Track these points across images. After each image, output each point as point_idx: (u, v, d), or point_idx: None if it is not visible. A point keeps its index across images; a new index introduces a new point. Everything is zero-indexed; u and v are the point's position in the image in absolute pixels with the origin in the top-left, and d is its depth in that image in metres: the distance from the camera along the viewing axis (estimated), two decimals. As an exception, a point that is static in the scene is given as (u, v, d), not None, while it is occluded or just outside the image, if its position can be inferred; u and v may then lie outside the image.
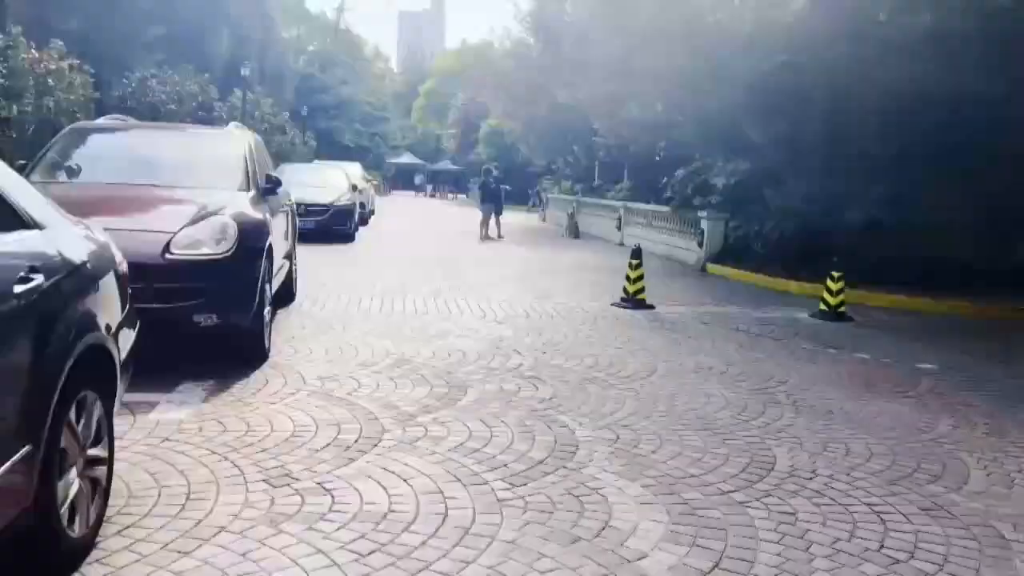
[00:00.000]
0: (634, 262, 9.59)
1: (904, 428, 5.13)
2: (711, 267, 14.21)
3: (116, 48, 18.98)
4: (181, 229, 5.34)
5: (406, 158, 71.40)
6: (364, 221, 21.77)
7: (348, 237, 16.69)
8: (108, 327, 3.10)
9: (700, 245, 14.55)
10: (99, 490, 3.03)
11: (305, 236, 15.81)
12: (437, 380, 5.67)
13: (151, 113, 16.59)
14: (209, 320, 5.37)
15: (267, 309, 6.06)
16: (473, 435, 4.49)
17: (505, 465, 4.05)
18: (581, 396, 5.44)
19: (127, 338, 3.56)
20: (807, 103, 13.67)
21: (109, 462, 3.15)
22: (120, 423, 4.37)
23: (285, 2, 65.75)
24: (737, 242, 13.55)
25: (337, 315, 8.05)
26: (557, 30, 22.00)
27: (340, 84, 60.23)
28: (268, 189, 6.83)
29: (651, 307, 9.52)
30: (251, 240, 5.72)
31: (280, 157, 28.09)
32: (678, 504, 3.68)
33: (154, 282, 5.10)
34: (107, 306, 3.20)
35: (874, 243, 11.60)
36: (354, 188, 18.14)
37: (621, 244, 19.80)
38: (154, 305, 5.10)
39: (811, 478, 4.13)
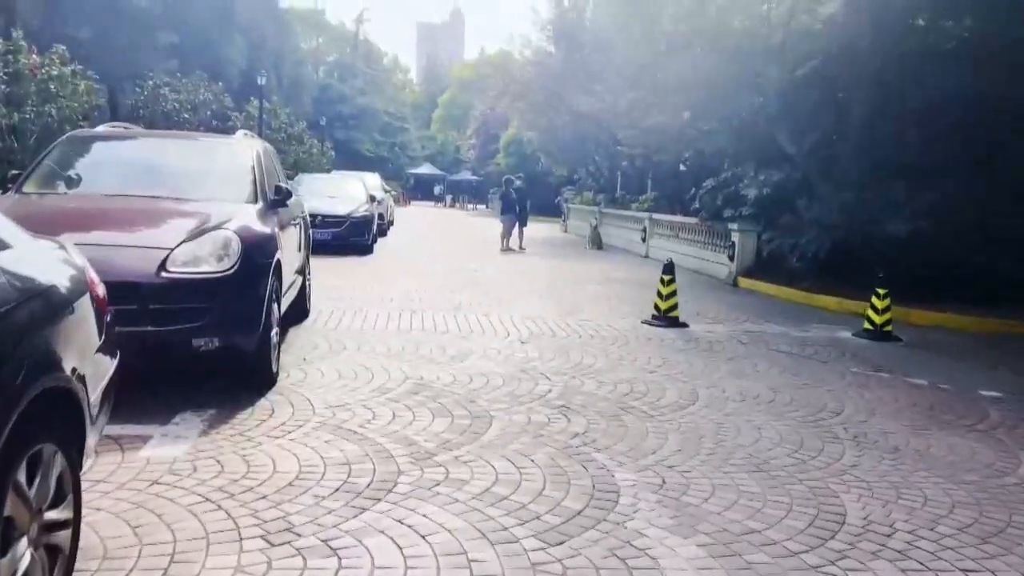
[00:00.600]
0: (666, 277, 9.06)
1: (982, 469, 4.57)
2: (743, 281, 13.63)
3: (128, 56, 18.73)
4: (180, 244, 4.89)
5: (425, 168, 71.33)
6: (383, 232, 21.37)
7: (366, 249, 16.26)
8: (75, 367, 2.63)
9: (731, 258, 13.97)
10: (60, 559, 2.55)
11: (321, 248, 15.43)
12: (458, 409, 5.17)
13: (164, 122, 16.32)
14: (210, 344, 4.91)
15: (275, 331, 5.60)
16: (500, 478, 3.98)
17: (538, 517, 3.54)
18: (617, 429, 4.91)
19: (103, 371, 3.09)
20: (842, 111, 13.12)
21: (75, 524, 2.67)
22: (106, 461, 3.91)
23: (304, 13, 66.10)
24: (771, 256, 12.95)
25: (352, 333, 7.58)
26: (578, 38, 21.56)
27: (359, 94, 60.25)
28: (278, 200, 6.39)
29: (684, 325, 8.98)
30: (257, 256, 5.26)
31: (298, 167, 27.85)
32: (742, 570, 3.15)
33: (149, 303, 4.66)
34: (76, 338, 2.73)
35: (917, 256, 10.98)
36: (372, 199, 17.72)
37: (646, 256, 19.26)
38: (148, 328, 4.66)
39: (890, 534, 3.58)
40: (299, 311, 8.07)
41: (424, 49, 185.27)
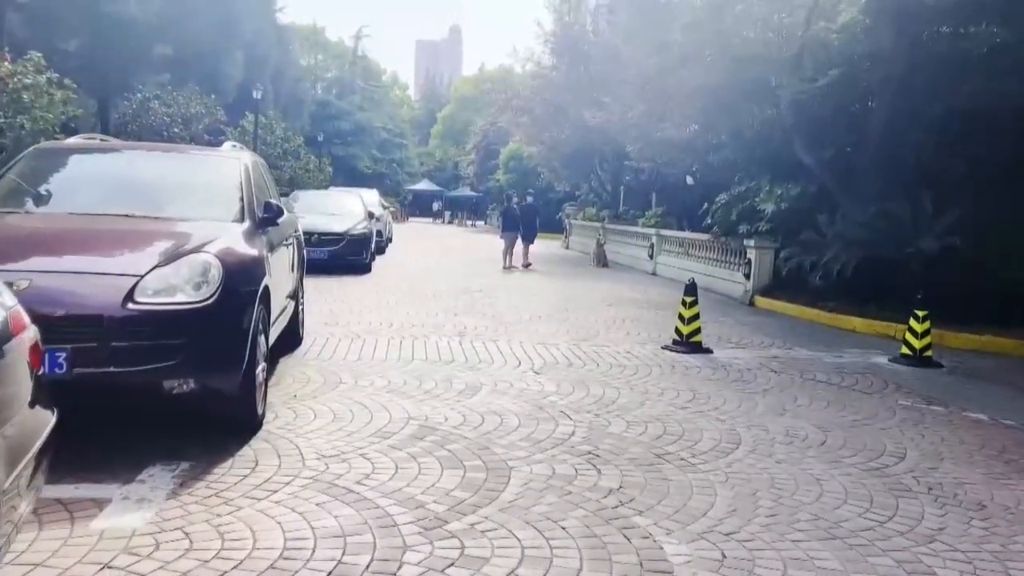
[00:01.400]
0: (688, 299, 8.40)
1: (1089, 531, 3.89)
2: (760, 300, 12.98)
3: (120, 68, 18.09)
4: (151, 271, 4.23)
5: (424, 185, 70.85)
6: (381, 250, 20.74)
7: (364, 268, 15.61)
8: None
9: (747, 276, 13.33)
10: None
11: (317, 267, 14.79)
12: (471, 459, 4.49)
13: (153, 136, 15.68)
14: (184, 386, 4.25)
15: (261, 367, 4.93)
16: (527, 555, 3.30)
17: (578, 613, 2.86)
18: (658, 484, 4.24)
19: (34, 429, 2.44)
20: (863, 120, 12.53)
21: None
22: (51, 536, 3.23)
23: (303, 30, 65.80)
24: (790, 273, 12.30)
25: (348, 364, 6.91)
26: (583, 50, 21.02)
27: (357, 110, 59.80)
28: (267, 219, 5.73)
29: (708, 351, 8.32)
30: (241, 283, 4.60)
31: (294, 183, 27.24)
32: None
33: (112, 339, 4.00)
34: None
35: (947, 274, 10.34)
36: (371, 215, 17.10)
37: (654, 274, 18.62)
38: (111, 369, 4.00)
39: (1013, 629, 2.90)
40: (291, 339, 7.42)
41: (423, 66, 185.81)
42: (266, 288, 5.03)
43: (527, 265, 18.29)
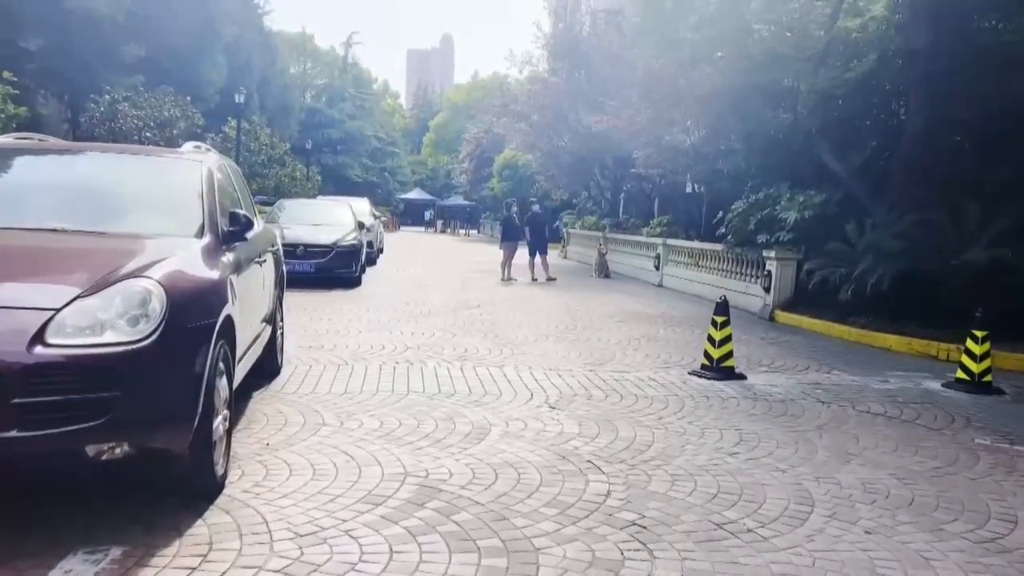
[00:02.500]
0: (719, 319, 7.45)
1: None
2: (781, 315, 12.06)
3: (87, 68, 17.01)
4: (71, 302, 3.28)
5: (415, 194, 70.05)
6: (372, 261, 19.77)
7: (353, 282, 14.63)
8: None
9: (767, 289, 12.42)
10: None
11: (303, 281, 13.82)
12: (485, 536, 3.54)
13: (123, 140, 14.63)
14: (116, 450, 3.32)
15: (221, 416, 3.96)
16: None
17: None
18: (731, 571, 3.28)
19: None
20: (895, 124, 11.66)
21: None
22: None
23: (292, 37, 64.89)
24: (815, 287, 11.38)
25: (333, 400, 5.94)
26: (584, 52, 20.15)
27: (348, 119, 58.87)
28: (234, 233, 4.76)
29: (742, 377, 7.38)
30: (192, 315, 3.64)
31: (279, 192, 26.23)
32: None
33: (13, 395, 3.03)
34: None
35: (995, 288, 9.44)
36: (361, 226, 16.11)
37: (660, 286, 17.70)
38: (13, 434, 3.04)
39: None
40: (268, 368, 6.46)
41: (414, 75, 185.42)
42: (228, 319, 4.07)
43: (550, 279, 17.30)
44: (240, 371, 4.84)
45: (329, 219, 15.86)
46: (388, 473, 4.33)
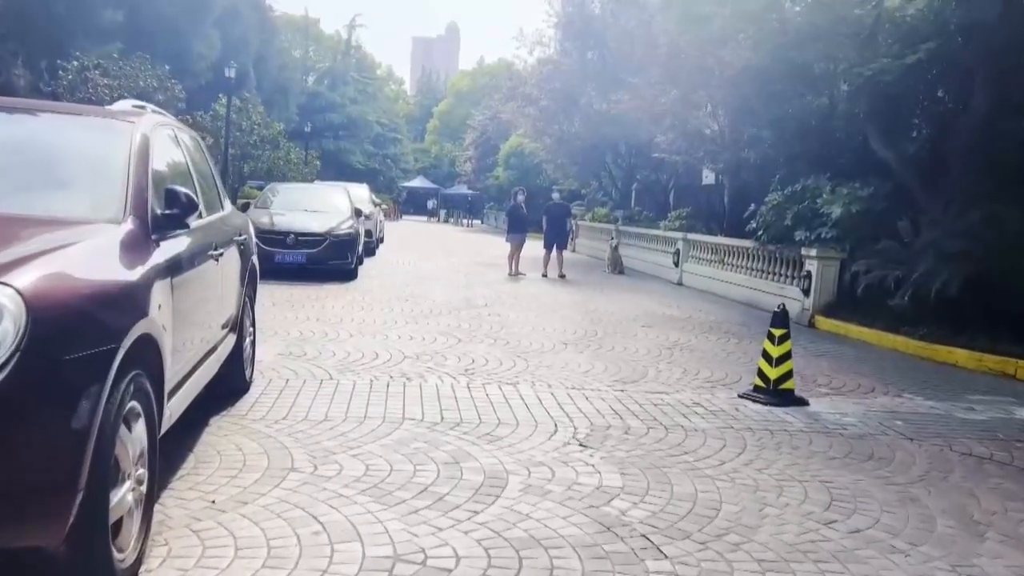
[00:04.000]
0: (777, 332, 6.24)
1: None
2: (822, 322, 10.84)
3: (59, 32, 15.64)
4: None
5: (418, 182, 68.85)
6: (370, 251, 18.55)
7: (349, 274, 13.40)
8: None
9: (805, 292, 11.18)
10: None
11: (294, 273, 12.63)
12: None
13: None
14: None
15: (130, 484, 2.76)
16: None
17: None
18: None
19: None
20: (957, 108, 10.41)
21: None
22: None
23: (296, 20, 63.42)
24: (866, 290, 10.14)
25: (309, 429, 4.73)
26: (598, 29, 18.86)
27: (350, 103, 57.47)
28: (171, 218, 3.54)
29: (803, 402, 6.17)
30: (74, 338, 2.43)
31: (272, 176, 24.89)
32: None
33: None
34: None
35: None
36: (359, 213, 14.87)
37: (680, 284, 16.48)
38: None
39: None
40: (232, 385, 5.27)
41: (419, 63, 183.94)
42: (145, 340, 2.86)
43: (561, 275, 16.07)
44: (179, 404, 3.64)
45: (324, 206, 14.64)
46: (370, 557, 3.12)
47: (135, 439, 2.83)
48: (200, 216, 4.06)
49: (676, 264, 16.87)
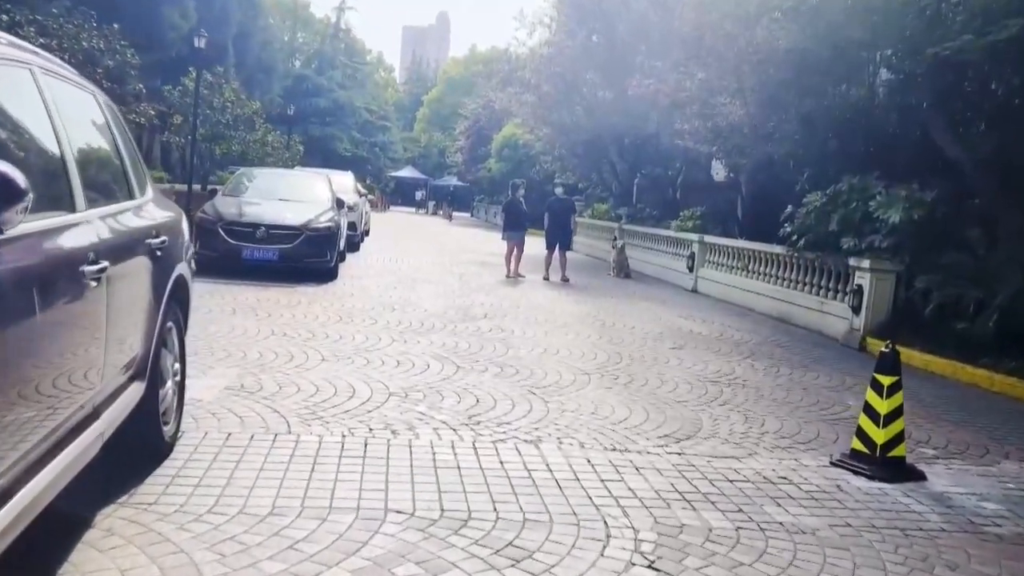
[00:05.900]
0: (886, 380, 4.71)
1: None
2: (875, 344, 9.34)
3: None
4: None
5: (407, 172, 67.21)
6: (355, 246, 16.90)
7: (327, 274, 11.76)
8: None
9: (855, 310, 9.68)
10: None
11: (264, 273, 11.01)
12: None
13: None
14: None
15: None
16: None
17: None
18: None
19: None
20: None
21: None
22: None
23: (286, 4, 61.31)
24: (933, 311, 8.66)
25: (242, 536, 3.16)
26: (611, 10, 17.29)
27: (338, 87, 55.54)
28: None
29: (920, 476, 4.66)
30: None
31: (246, 160, 23.05)
32: None
33: None
34: None
35: None
36: (341, 204, 13.24)
37: (694, 291, 14.97)
38: None
39: None
40: (145, 444, 3.72)
41: (409, 52, 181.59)
42: None
43: (564, 279, 14.52)
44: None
45: (303, 195, 12.99)
46: None
47: None
48: (81, 209, 2.47)
49: (691, 269, 15.34)
